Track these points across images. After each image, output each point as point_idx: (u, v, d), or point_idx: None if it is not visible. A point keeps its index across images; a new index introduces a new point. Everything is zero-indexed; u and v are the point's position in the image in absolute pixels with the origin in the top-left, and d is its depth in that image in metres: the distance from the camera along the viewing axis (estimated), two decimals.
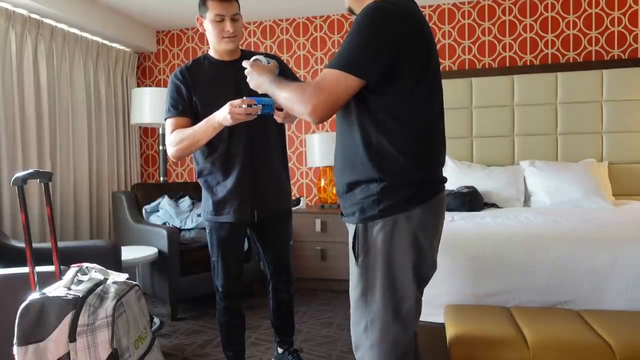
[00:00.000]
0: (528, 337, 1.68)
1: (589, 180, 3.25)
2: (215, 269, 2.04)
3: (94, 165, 3.88)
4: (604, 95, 3.56)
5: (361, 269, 1.30)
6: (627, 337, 1.65)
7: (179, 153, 1.90)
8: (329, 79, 1.21)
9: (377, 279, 1.28)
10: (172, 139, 1.90)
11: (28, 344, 1.42)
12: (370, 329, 1.30)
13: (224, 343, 2.11)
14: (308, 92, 1.22)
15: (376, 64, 1.21)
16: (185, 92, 1.92)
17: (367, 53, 1.20)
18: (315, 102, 1.20)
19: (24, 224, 1.65)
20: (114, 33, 3.91)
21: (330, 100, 1.21)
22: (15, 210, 3.13)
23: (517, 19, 3.82)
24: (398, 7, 1.24)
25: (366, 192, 1.28)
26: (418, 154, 1.28)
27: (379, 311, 1.29)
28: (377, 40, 1.20)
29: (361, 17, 1.22)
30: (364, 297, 1.31)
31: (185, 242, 3.27)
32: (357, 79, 1.20)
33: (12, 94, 3.15)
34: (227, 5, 1.87)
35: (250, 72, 1.49)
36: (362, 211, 1.29)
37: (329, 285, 3.82)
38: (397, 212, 1.26)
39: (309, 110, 1.21)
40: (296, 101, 1.24)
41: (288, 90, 1.29)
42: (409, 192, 1.27)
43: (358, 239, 1.29)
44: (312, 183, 4.26)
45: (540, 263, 2.02)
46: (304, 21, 4.21)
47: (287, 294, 2.23)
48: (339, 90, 1.20)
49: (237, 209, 1.96)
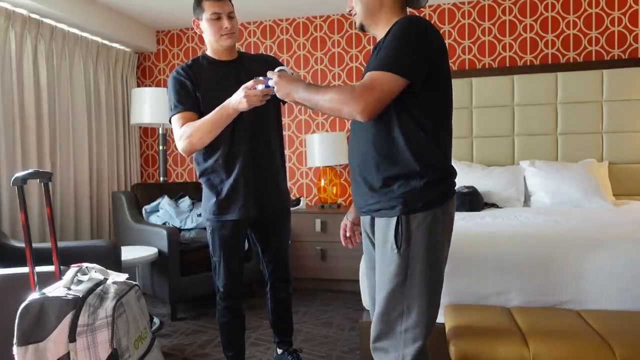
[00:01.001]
0: (528, 337, 1.68)
1: (589, 180, 3.25)
2: (217, 269, 2.04)
3: (94, 165, 3.88)
4: (604, 95, 3.56)
5: (402, 259, 1.36)
6: (627, 337, 1.65)
7: (190, 147, 1.88)
8: (378, 79, 1.30)
9: (418, 268, 1.36)
10: (182, 132, 1.87)
11: (28, 344, 1.42)
12: (406, 315, 1.38)
13: (224, 343, 2.11)
14: (358, 91, 1.30)
15: (420, 67, 1.32)
16: (191, 87, 1.91)
17: (413, 57, 1.31)
18: (368, 100, 1.29)
19: (24, 224, 1.65)
20: (114, 33, 3.91)
21: (381, 98, 1.30)
22: (15, 210, 3.13)
23: (517, 19, 3.82)
24: (430, 23, 1.38)
25: (408, 186, 1.37)
26: (448, 150, 1.45)
27: (416, 298, 1.37)
28: (421, 47, 1.32)
29: (403, 27, 1.33)
30: (402, 286, 1.37)
31: (185, 242, 3.27)
32: (404, 79, 1.30)
33: (12, 94, 3.15)
34: (222, 4, 1.89)
35: (278, 81, 1.50)
36: (404, 204, 1.37)
37: (329, 285, 3.82)
38: (436, 205, 1.38)
39: (361, 108, 1.29)
40: (345, 101, 1.31)
41: (332, 92, 1.35)
42: (446, 186, 1.42)
43: (402, 230, 1.36)
44: (312, 183, 4.26)
45: (540, 263, 2.02)
46: (304, 21, 4.21)
47: (286, 293, 2.23)
48: (389, 89, 1.30)
49: (242, 205, 1.97)
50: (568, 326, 1.75)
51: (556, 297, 2.00)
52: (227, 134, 1.89)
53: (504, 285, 2.04)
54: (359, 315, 2.87)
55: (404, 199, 1.37)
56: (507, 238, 2.20)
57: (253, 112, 1.84)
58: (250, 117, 1.90)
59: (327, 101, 1.36)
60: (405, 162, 1.37)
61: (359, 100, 1.29)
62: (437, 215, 1.38)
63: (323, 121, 4.21)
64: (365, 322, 2.18)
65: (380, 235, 1.42)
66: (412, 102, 1.36)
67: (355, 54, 4.13)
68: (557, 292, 2.00)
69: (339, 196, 3.99)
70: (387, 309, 1.40)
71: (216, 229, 2.00)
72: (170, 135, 4.52)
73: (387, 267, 1.39)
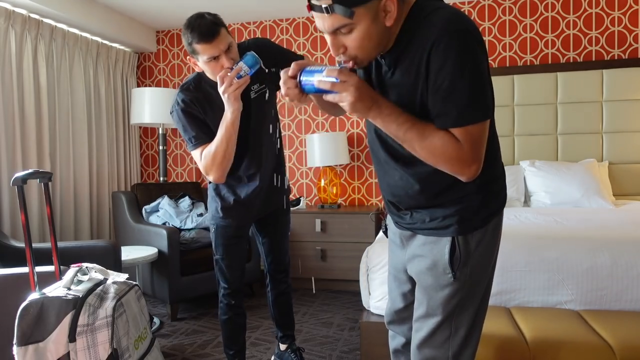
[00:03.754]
0: (528, 337, 1.68)
1: (589, 180, 3.25)
2: (220, 267, 2.05)
3: (94, 165, 3.88)
4: (604, 95, 3.56)
5: (459, 283, 1.19)
6: (627, 337, 1.65)
7: (220, 171, 1.82)
8: (478, 132, 1.06)
9: (476, 289, 1.22)
10: (205, 163, 1.82)
11: (28, 344, 1.42)
12: (453, 338, 1.23)
13: (226, 341, 2.11)
14: (465, 153, 1.06)
15: (493, 94, 1.12)
16: (201, 117, 1.85)
17: (488, 92, 1.08)
18: (478, 159, 1.08)
19: (24, 224, 1.65)
20: (114, 33, 3.91)
21: (484, 152, 1.10)
22: (15, 210, 3.13)
23: (517, 19, 3.82)
24: (473, 22, 1.09)
25: (463, 203, 1.18)
26: (499, 153, 1.26)
27: (466, 319, 1.23)
28: (488, 76, 1.09)
29: (467, 50, 1.02)
30: (455, 310, 1.21)
31: (185, 242, 3.27)
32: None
33: (12, 94, 3.14)
34: (217, 43, 1.69)
35: (353, 90, 1.03)
36: (461, 223, 1.18)
37: (329, 285, 3.82)
38: (495, 217, 1.22)
39: (472, 172, 1.08)
40: (452, 159, 1.06)
41: (434, 140, 1.06)
42: (502, 194, 1.25)
43: (460, 254, 1.17)
44: (312, 183, 4.26)
45: (540, 263, 2.02)
46: (304, 21, 4.21)
47: (285, 284, 2.24)
48: (486, 137, 1.10)
49: (248, 211, 2.00)
50: (568, 326, 1.74)
51: (556, 297, 2.01)
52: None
53: (504, 285, 2.04)
54: (359, 315, 2.87)
55: (459, 217, 1.17)
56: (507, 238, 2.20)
57: (256, 119, 1.85)
58: (254, 124, 1.91)
59: (426, 149, 1.07)
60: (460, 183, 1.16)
61: (471, 162, 1.06)
62: (492, 228, 1.22)
63: (323, 121, 4.21)
64: (365, 322, 2.18)
65: (428, 253, 1.22)
66: None
67: None
68: (557, 292, 2.00)
69: (339, 196, 3.98)
70: (436, 335, 1.23)
71: (220, 227, 2.01)
72: (170, 135, 4.52)
73: (440, 290, 1.21)
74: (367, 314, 2.25)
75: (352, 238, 3.67)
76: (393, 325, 1.47)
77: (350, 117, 4.14)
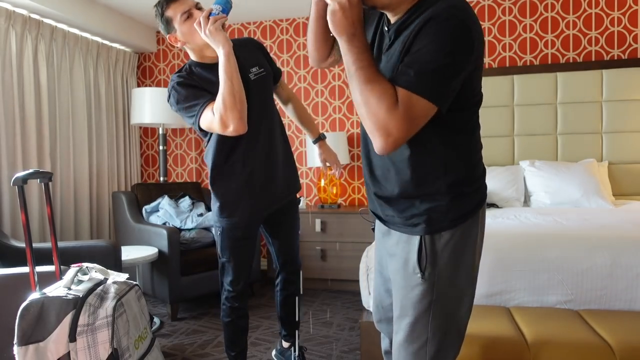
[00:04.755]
0: (528, 337, 1.68)
1: (589, 180, 3.25)
2: (225, 269, 2.00)
3: (94, 165, 3.88)
4: (604, 95, 3.56)
5: (427, 283, 1.18)
6: (627, 337, 1.65)
7: (237, 114, 1.68)
8: (420, 109, 1.03)
9: (450, 292, 1.20)
10: (219, 115, 1.68)
11: (28, 344, 1.42)
12: (431, 342, 1.20)
13: (228, 343, 2.09)
14: (396, 118, 1.02)
15: (455, 90, 1.07)
16: (200, 86, 1.81)
17: (450, 86, 1.05)
18: (402, 135, 1.03)
19: (24, 224, 1.65)
20: (114, 33, 3.91)
21: (413, 132, 1.05)
22: (15, 210, 3.13)
23: (517, 19, 3.82)
24: (473, 15, 1.08)
25: (433, 202, 1.17)
26: (479, 162, 1.26)
27: (444, 324, 1.21)
28: (458, 73, 1.05)
29: (455, 39, 1.03)
30: (428, 312, 1.19)
31: (185, 242, 3.27)
32: (436, 108, 1.05)
33: (12, 94, 3.15)
34: (183, 1, 1.80)
35: (337, 10, 1.04)
36: (429, 222, 1.17)
37: (329, 285, 3.82)
38: (466, 219, 1.19)
39: (388, 144, 1.04)
40: (379, 118, 1.02)
41: (374, 88, 1.03)
42: (478, 195, 1.22)
43: (426, 253, 1.18)
44: (312, 183, 4.26)
45: (540, 263, 2.02)
46: (304, 21, 4.21)
47: (295, 285, 2.22)
48: (424, 120, 1.06)
49: (255, 205, 1.95)
50: (568, 326, 1.75)
51: (556, 297, 2.01)
52: (230, 139, 1.83)
53: (504, 285, 2.04)
54: (359, 315, 2.87)
55: (428, 216, 1.17)
56: (507, 238, 2.20)
57: (259, 109, 1.85)
58: (256, 115, 1.86)
59: (364, 94, 1.04)
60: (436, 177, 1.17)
61: (391, 130, 1.02)
62: (467, 228, 1.20)
63: (323, 121, 4.21)
64: (365, 322, 2.18)
65: (400, 252, 1.23)
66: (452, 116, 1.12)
67: None
68: (557, 292, 2.00)
69: (339, 196, 3.99)
70: (409, 339, 1.22)
71: (227, 229, 1.96)
72: (170, 135, 4.52)
73: (410, 291, 1.21)
74: (367, 314, 2.25)
75: (352, 238, 3.68)
76: (381, 324, 1.46)
77: (350, 117, 4.14)
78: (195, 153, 4.50)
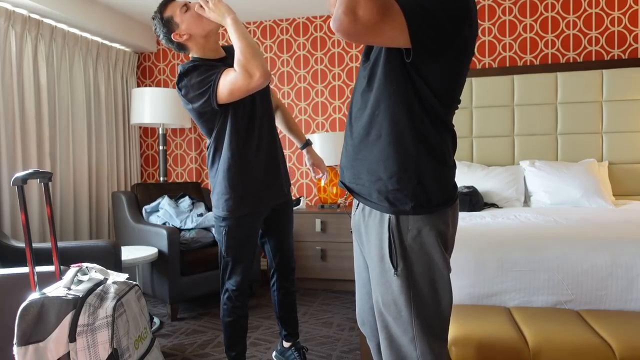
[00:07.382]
0: (528, 337, 1.68)
1: (589, 180, 3.25)
2: (228, 269, 2.02)
3: (93, 165, 3.88)
4: (604, 95, 3.56)
5: (402, 279, 1.19)
6: (627, 337, 1.65)
7: (258, 61, 1.71)
8: (396, 9, 1.03)
9: (421, 285, 1.19)
10: (241, 68, 1.71)
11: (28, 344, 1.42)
12: (418, 338, 1.20)
13: (228, 343, 2.09)
14: (370, 4, 1.00)
15: (431, 32, 1.06)
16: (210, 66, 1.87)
17: (432, 20, 1.06)
18: (365, 20, 1.00)
19: (24, 224, 1.65)
20: (114, 33, 3.91)
21: (375, 29, 1.02)
22: (15, 210, 3.13)
23: (517, 19, 3.82)
24: None
25: (399, 183, 1.17)
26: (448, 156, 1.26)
27: (426, 319, 1.20)
28: (447, 21, 1.07)
29: None
30: (409, 306, 1.19)
31: (185, 242, 3.27)
32: (409, 40, 1.05)
33: (12, 94, 3.15)
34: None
35: None
36: (390, 202, 1.17)
37: (329, 285, 3.82)
38: (431, 211, 1.18)
39: (350, 19, 1.00)
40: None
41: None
42: (439, 196, 1.20)
43: (393, 239, 1.18)
44: (312, 183, 4.26)
45: (540, 263, 2.02)
46: (304, 21, 4.21)
47: (291, 283, 2.25)
48: (390, 30, 1.03)
49: (261, 197, 2.00)
50: (568, 326, 1.75)
51: (556, 297, 2.01)
52: (242, 130, 1.90)
53: (504, 285, 2.04)
54: None
55: (388, 197, 1.18)
56: (507, 238, 2.20)
57: (261, 107, 1.91)
58: (259, 112, 1.95)
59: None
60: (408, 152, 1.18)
61: (358, 12, 1.00)
62: (431, 225, 1.19)
63: (323, 121, 4.21)
64: None
65: (374, 239, 1.24)
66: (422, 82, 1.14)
67: (355, 54, 4.13)
68: (557, 292, 2.00)
69: (339, 196, 3.99)
70: (398, 333, 1.22)
71: (233, 227, 1.97)
72: (170, 135, 4.52)
73: (389, 286, 1.21)
74: None
75: (352, 238, 3.67)
76: (364, 327, 1.45)
77: None
78: (195, 153, 4.50)
